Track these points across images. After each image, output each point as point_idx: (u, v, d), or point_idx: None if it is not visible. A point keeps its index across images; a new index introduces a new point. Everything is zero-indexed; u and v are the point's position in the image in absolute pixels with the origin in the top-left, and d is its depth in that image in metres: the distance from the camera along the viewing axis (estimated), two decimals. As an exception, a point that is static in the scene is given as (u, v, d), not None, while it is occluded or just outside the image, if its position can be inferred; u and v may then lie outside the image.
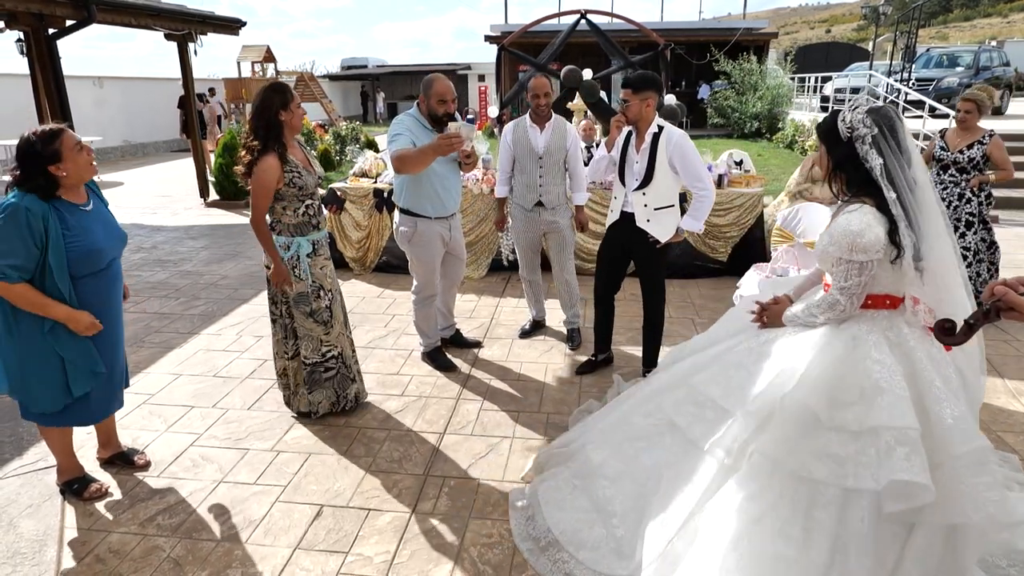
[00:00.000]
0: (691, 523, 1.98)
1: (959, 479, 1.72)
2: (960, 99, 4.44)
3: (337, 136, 12.39)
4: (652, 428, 2.31)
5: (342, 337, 3.27)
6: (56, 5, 7.04)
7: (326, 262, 3.19)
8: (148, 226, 8.15)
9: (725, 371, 2.13)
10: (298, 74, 22.58)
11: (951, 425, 1.75)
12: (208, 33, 9.90)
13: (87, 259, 2.43)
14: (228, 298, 5.29)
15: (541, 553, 2.32)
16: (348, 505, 2.66)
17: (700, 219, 3.34)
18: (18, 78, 10.84)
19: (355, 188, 5.76)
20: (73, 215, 2.41)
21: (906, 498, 1.71)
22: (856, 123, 1.88)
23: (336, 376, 3.26)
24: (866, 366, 1.85)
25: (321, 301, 3.13)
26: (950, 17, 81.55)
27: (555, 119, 3.92)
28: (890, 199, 1.84)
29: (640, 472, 2.27)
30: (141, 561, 2.36)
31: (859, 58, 21.22)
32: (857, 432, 1.79)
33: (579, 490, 2.45)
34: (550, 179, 3.91)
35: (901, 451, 1.71)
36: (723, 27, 20.89)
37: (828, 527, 1.78)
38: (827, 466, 1.79)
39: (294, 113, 2.92)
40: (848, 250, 1.87)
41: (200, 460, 2.99)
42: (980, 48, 16.56)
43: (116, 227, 2.62)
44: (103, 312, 2.54)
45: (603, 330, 3.79)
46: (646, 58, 10.14)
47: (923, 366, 1.85)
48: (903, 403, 1.76)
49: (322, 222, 3.17)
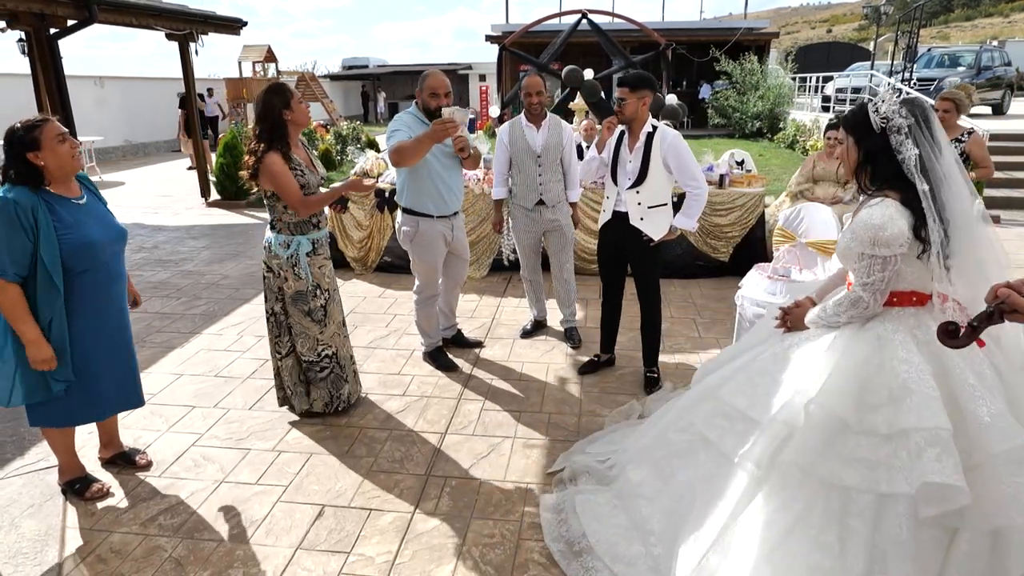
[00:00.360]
0: (724, 537, 1.94)
1: (999, 479, 1.65)
2: (939, 98, 4.43)
3: (338, 136, 12.39)
4: (686, 445, 2.28)
5: (337, 337, 3.27)
6: (58, 5, 7.04)
7: (325, 261, 3.20)
8: (149, 226, 8.15)
9: (751, 380, 2.09)
10: (299, 74, 22.59)
11: (988, 423, 1.68)
12: (209, 33, 9.90)
13: (81, 252, 2.40)
14: (229, 298, 5.29)
15: (574, 557, 2.29)
16: (350, 505, 2.66)
17: (693, 217, 3.39)
18: (19, 78, 10.84)
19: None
20: (64, 207, 2.40)
21: (941, 501, 1.64)
22: (891, 113, 1.83)
23: (330, 376, 3.27)
24: (893, 366, 1.80)
25: (317, 300, 3.14)
26: (951, 17, 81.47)
27: (550, 117, 3.94)
28: (922, 191, 1.78)
29: (676, 490, 2.24)
30: (143, 561, 2.36)
31: (860, 58, 21.20)
32: (887, 435, 1.74)
33: (619, 509, 2.43)
34: (549, 177, 3.92)
35: (931, 452, 1.65)
36: (724, 27, 20.90)
37: (864, 535, 1.73)
38: (858, 472, 1.74)
39: (296, 110, 2.93)
40: (870, 244, 1.83)
41: (201, 460, 2.99)
42: (981, 48, 16.54)
43: (113, 223, 2.60)
44: (100, 311, 2.53)
45: (608, 331, 3.80)
46: (647, 58, 10.13)
47: (954, 363, 1.78)
48: (933, 403, 1.70)
49: (322, 221, 3.18)
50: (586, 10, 9.92)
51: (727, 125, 17.28)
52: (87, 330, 2.51)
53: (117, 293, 2.63)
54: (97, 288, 2.52)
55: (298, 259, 3.06)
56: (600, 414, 3.34)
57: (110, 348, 2.61)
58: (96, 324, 2.54)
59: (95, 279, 2.50)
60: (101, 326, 2.56)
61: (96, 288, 2.51)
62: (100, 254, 2.48)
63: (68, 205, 2.42)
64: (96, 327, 2.54)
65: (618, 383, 3.70)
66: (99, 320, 2.54)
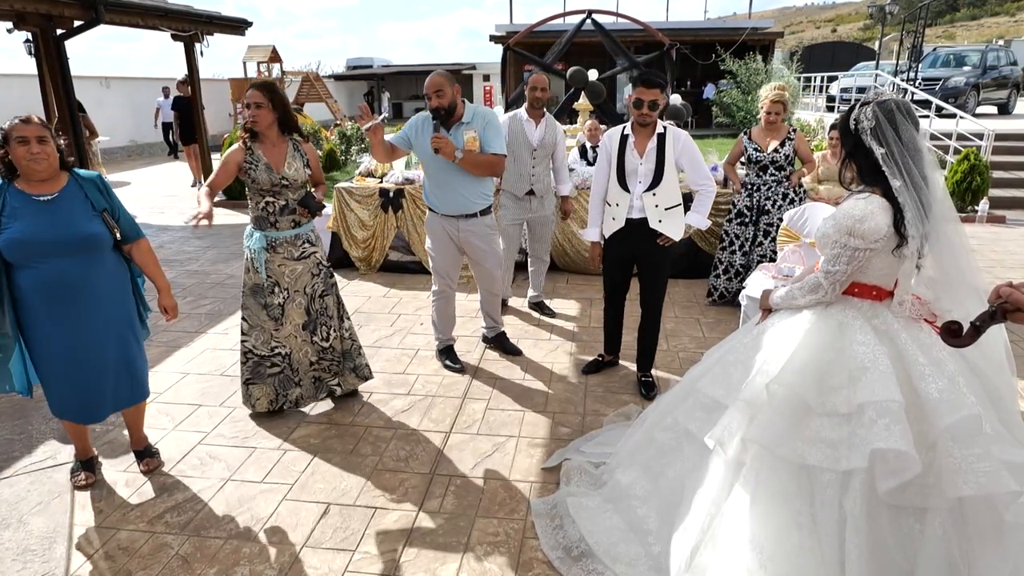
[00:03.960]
0: (711, 527, 1.98)
1: (948, 453, 1.74)
2: (769, 101, 4.52)
3: (343, 136, 12.41)
4: (672, 442, 2.32)
5: (293, 339, 3.26)
6: (64, 6, 7.09)
7: (289, 262, 3.17)
8: (155, 225, 8.19)
9: (725, 370, 2.16)
10: (304, 74, 22.62)
11: (937, 399, 1.77)
12: (214, 33, 9.94)
13: (13, 247, 2.38)
14: (234, 297, 5.31)
15: (574, 563, 2.29)
16: (355, 504, 2.67)
17: (705, 214, 3.41)
18: (27, 78, 10.90)
19: (361, 188, 5.78)
20: (19, 201, 2.41)
21: (895, 472, 1.72)
22: (859, 115, 1.96)
23: (279, 375, 3.28)
24: (853, 349, 1.89)
25: (275, 298, 3.18)
26: (957, 16, 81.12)
27: (547, 115, 4.36)
28: (895, 186, 1.86)
29: (667, 487, 2.28)
30: (150, 558, 2.37)
31: (865, 57, 21.15)
32: (847, 415, 1.82)
33: (611, 512, 2.44)
34: (541, 169, 4.38)
35: (882, 422, 1.74)
36: (728, 27, 20.84)
37: (830, 512, 1.80)
38: (820, 451, 1.82)
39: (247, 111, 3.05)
40: (846, 233, 1.91)
41: (208, 458, 3.01)
42: (987, 47, 16.46)
43: (73, 226, 2.45)
44: (47, 314, 2.47)
45: (613, 334, 3.77)
46: (652, 58, 10.11)
47: (906, 346, 1.88)
48: (885, 378, 1.79)
49: (282, 223, 3.12)
50: (591, 10, 9.90)
51: (731, 124, 17.25)
52: (39, 331, 2.50)
53: (69, 300, 2.48)
54: (42, 292, 2.45)
55: (252, 252, 3.14)
56: (603, 414, 3.35)
57: (67, 359, 2.54)
58: (48, 328, 2.49)
59: (37, 277, 2.43)
60: (54, 332, 2.50)
61: (41, 291, 2.45)
62: (33, 250, 2.40)
63: (25, 200, 2.41)
64: (48, 331, 2.50)
65: (622, 383, 3.70)
66: (47, 322, 2.49)
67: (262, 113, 3.00)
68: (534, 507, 2.61)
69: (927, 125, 9.18)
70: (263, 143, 3.07)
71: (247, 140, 3.07)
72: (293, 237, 3.18)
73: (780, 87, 4.58)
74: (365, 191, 5.76)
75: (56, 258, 2.44)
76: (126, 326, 2.69)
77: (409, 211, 5.71)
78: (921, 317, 1.98)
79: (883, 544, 1.78)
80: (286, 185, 3.08)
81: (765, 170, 4.63)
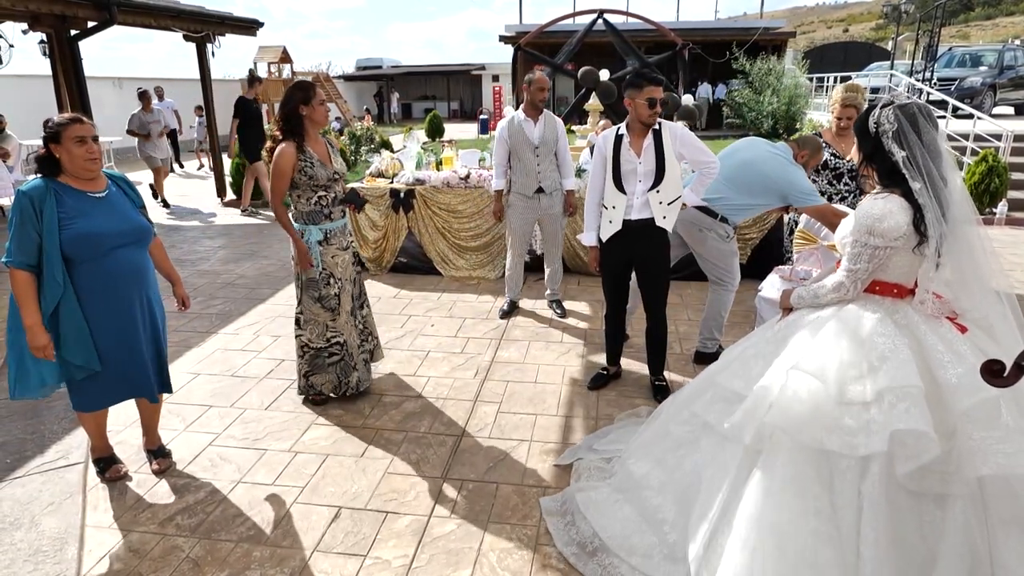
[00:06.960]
0: (727, 513, 1.99)
1: (968, 435, 1.75)
2: (840, 106, 3.94)
3: (352, 136, 12.42)
4: (689, 434, 2.33)
5: (348, 325, 3.38)
6: (78, 7, 7.12)
7: (341, 252, 3.32)
8: (166, 225, 8.22)
9: (745, 364, 2.18)
10: (314, 75, 22.71)
11: (956, 384, 1.79)
12: (226, 34, 9.98)
13: (81, 242, 2.43)
14: (245, 298, 5.31)
15: (589, 558, 2.30)
16: (366, 507, 2.65)
17: (700, 193, 3.44)
18: (41, 79, 10.99)
19: (372, 188, 5.77)
20: (75, 198, 2.46)
21: (914, 455, 1.73)
22: (881, 118, 1.98)
23: (339, 362, 3.39)
24: (873, 341, 1.92)
25: (330, 288, 3.27)
26: (972, 16, 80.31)
27: (545, 113, 4.40)
28: (915, 188, 1.89)
29: (684, 477, 2.28)
30: (160, 561, 2.36)
31: (878, 57, 20.97)
32: (866, 403, 1.84)
33: (622, 502, 2.44)
34: (546, 166, 4.41)
35: (902, 406, 1.76)
36: (740, 27, 20.73)
37: (849, 498, 1.80)
38: (840, 437, 1.83)
39: (315, 108, 3.11)
40: (866, 233, 1.95)
41: (218, 460, 2.99)
42: (1004, 47, 16.25)
43: (132, 218, 2.61)
44: (105, 302, 2.54)
45: (615, 345, 3.68)
46: (663, 58, 10.06)
47: (926, 337, 1.91)
48: (906, 365, 1.82)
49: (335, 213, 3.28)
50: (602, 10, 9.87)
51: (742, 125, 17.14)
52: (92, 319, 2.54)
53: (125, 288, 2.60)
54: (100, 279, 2.52)
55: (309, 247, 3.19)
56: (616, 417, 3.30)
57: (116, 341, 2.61)
58: (102, 314, 2.55)
59: (98, 270, 2.50)
60: (108, 317, 2.56)
61: (99, 279, 2.52)
62: (103, 243, 2.49)
63: (81, 197, 2.47)
64: (102, 317, 2.55)
65: (634, 388, 3.66)
66: (105, 310, 2.55)
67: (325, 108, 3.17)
68: (544, 505, 2.59)
69: (944, 126, 9.07)
70: (308, 141, 3.14)
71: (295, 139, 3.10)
72: (343, 227, 3.35)
73: (852, 87, 4.01)
74: (376, 192, 5.74)
75: (120, 249, 2.55)
76: (160, 316, 2.80)
77: (420, 212, 5.69)
78: (942, 315, 1.99)
79: (902, 530, 1.79)
80: (338, 178, 3.24)
81: (840, 178, 4.16)
